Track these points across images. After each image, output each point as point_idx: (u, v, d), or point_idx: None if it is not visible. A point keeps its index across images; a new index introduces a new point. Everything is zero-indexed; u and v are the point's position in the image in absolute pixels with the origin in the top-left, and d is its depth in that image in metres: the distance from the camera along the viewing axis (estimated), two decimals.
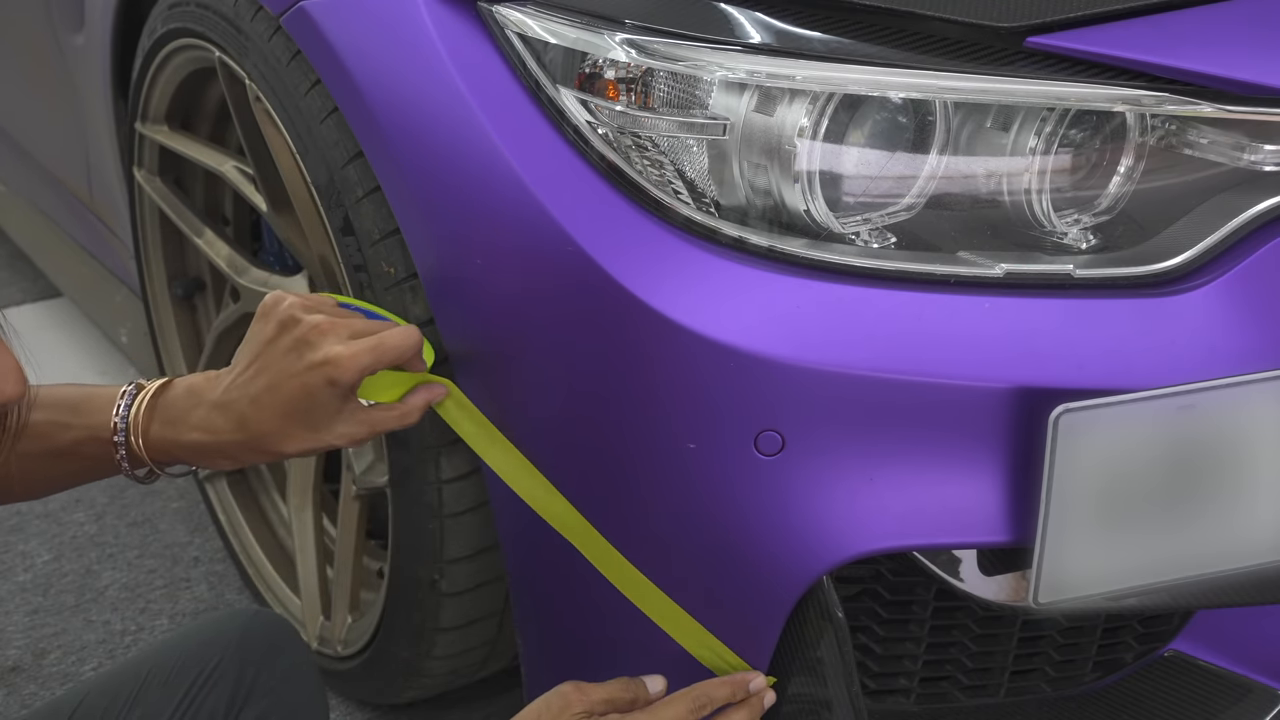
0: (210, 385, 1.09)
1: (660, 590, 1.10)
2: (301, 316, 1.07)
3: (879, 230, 1.07)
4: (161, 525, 2.07)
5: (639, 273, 1.04)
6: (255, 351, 1.07)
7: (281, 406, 1.05)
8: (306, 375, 1.05)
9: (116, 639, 1.82)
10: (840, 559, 1.05)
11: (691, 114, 1.06)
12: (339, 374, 1.04)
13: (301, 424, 1.06)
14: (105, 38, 1.76)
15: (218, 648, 1.16)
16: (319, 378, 1.05)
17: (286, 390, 1.05)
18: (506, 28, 1.11)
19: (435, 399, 1.12)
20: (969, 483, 1.04)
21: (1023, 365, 1.02)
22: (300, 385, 1.05)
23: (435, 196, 1.13)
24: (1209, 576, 1.06)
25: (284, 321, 1.07)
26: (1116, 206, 1.09)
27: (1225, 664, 1.20)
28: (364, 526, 1.53)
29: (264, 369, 1.06)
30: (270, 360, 1.06)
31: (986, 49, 1.04)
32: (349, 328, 1.07)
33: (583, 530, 1.11)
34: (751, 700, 1.09)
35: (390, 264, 1.21)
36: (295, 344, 1.06)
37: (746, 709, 1.08)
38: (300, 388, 1.05)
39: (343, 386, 1.05)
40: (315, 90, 1.26)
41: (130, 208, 1.85)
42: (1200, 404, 1.01)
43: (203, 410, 1.07)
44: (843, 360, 1.01)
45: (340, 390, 1.06)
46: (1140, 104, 1.04)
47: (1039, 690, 1.21)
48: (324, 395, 1.05)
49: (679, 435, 1.05)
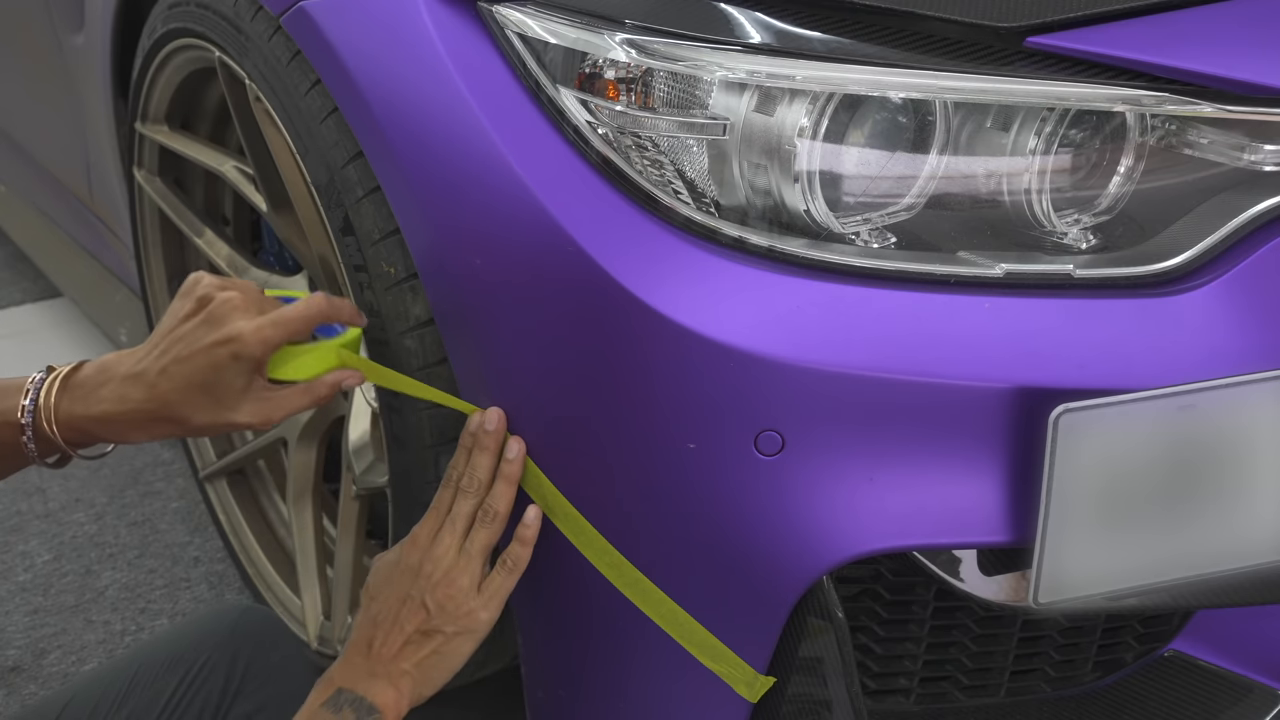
0: (120, 360, 1.11)
1: (660, 590, 1.10)
2: (215, 294, 1.10)
3: (879, 230, 1.07)
4: (161, 525, 2.07)
5: (639, 272, 1.04)
6: (169, 326, 1.10)
7: (188, 378, 1.08)
8: (213, 349, 1.08)
9: (116, 639, 1.82)
10: (840, 559, 1.05)
11: (691, 114, 1.06)
12: (243, 348, 1.07)
13: (207, 396, 1.08)
14: (105, 38, 1.76)
15: (208, 644, 1.16)
16: (225, 352, 1.07)
17: (194, 363, 1.08)
18: (506, 28, 1.11)
19: (348, 383, 1.15)
20: (969, 483, 1.04)
21: (1023, 365, 1.02)
22: (207, 358, 1.08)
23: (435, 196, 1.13)
24: (1209, 576, 1.06)
25: (200, 298, 1.10)
26: (1116, 206, 1.09)
27: (1225, 664, 1.20)
28: (364, 526, 1.53)
29: (175, 341, 1.09)
30: (181, 334, 1.09)
31: (986, 49, 1.04)
32: (259, 306, 1.10)
33: (577, 528, 1.11)
34: (479, 437, 1.12)
35: (390, 264, 1.21)
36: (206, 319, 1.09)
37: (480, 449, 1.13)
38: (207, 361, 1.08)
39: (247, 360, 1.08)
40: (315, 90, 1.26)
41: (130, 208, 1.85)
42: (1200, 404, 1.01)
43: (114, 384, 1.10)
44: (843, 360, 1.01)
45: (245, 365, 1.08)
46: (1140, 104, 1.04)
47: (1039, 690, 1.21)
48: (230, 370, 1.08)
49: (679, 435, 1.05)
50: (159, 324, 1.12)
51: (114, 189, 1.95)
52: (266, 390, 1.11)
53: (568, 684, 1.22)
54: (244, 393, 1.09)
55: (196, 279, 1.13)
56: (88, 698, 1.12)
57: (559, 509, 1.12)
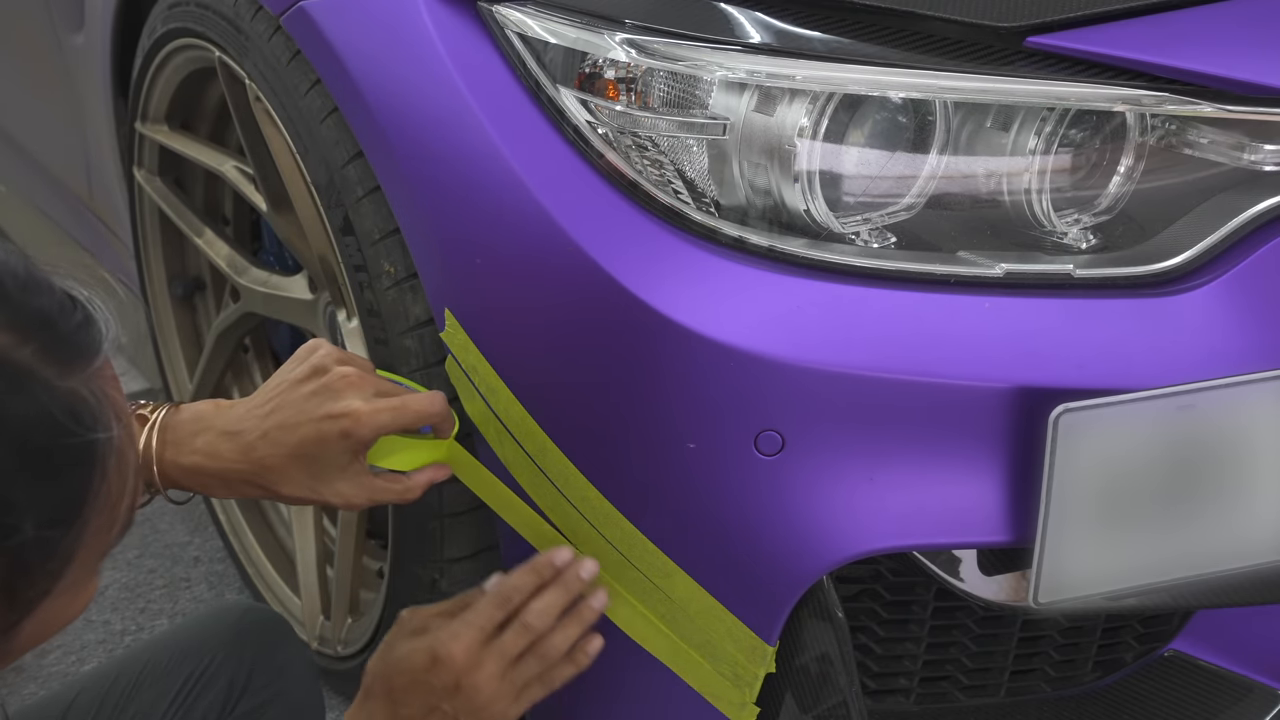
0: (217, 412, 1.08)
1: (661, 590, 1.10)
2: (332, 365, 1.07)
3: (879, 230, 1.07)
4: (161, 525, 2.07)
5: (639, 272, 1.04)
6: (279, 389, 1.07)
7: (291, 446, 1.05)
8: (323, 422, 1.04)
9: (116, 639, 1.82)
10: (840, 559, 1.05)
11: (691, 114, 1.06)
12: (355, 427, 1.04)
13: (305, 469, 1.05)
14: (105, 38, 1.76)
15: (212, 644, 1.16)
16: (335, 427, 1.04)
17: (300, 432, 1.05)
18: (506, 28, 1.11)
19: (440, 479, 1.12)
20: (969, 483, 1.04)
21: (1023, 365, 1.02)
22: (315, 430, 1.04)
23: (435, 196, 1.13)
24: (1209, 576, 1.06)
25: (315, 366, 1.07)
26: (1116, 206, 1.09)
27: (1225, 664, 1.20)
28: (364, 526, 1.53)
29: (282, 405, 1.06)
30: (291, 399, 1.06)
31: (986, 49, 1.04)
32: (375, 386, 1.07)
33: (580, 532, 1.12)
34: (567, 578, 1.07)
35: (390, 263, 1.21)
36: (320, 389, 1.05)
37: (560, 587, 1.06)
38: (314, 432, 1.04)
39: (355, 440, 1.05)
40: (315, 90, 1.26)
41: (130, 208, 1.85)
42: (1200, 404, 1.01)
43: (210, 435, 1.06)
44: (843, 360, 1.01)
45: (352, 444, 1.05)
46: (1140, 104, 1.04)
47: (1039, 690, 1.21)
48: (335, 446, 1.05)
49: (679, 435, 1.05)
50: (266, 384, 1.09)
51: (114, 189, 1.95)
52: (364, 475, 1.07)
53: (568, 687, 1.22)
54: (342, 471, 1.06)
55: (315, 345, 1.09)
56: (92, 697, 1.12)
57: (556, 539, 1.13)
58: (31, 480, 0.67)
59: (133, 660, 1.15)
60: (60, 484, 0.69)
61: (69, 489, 0.69)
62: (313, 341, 1.11)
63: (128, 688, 1.13)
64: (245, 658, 1.15)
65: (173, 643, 1.17)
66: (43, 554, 0.68)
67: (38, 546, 0.68)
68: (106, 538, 0.72)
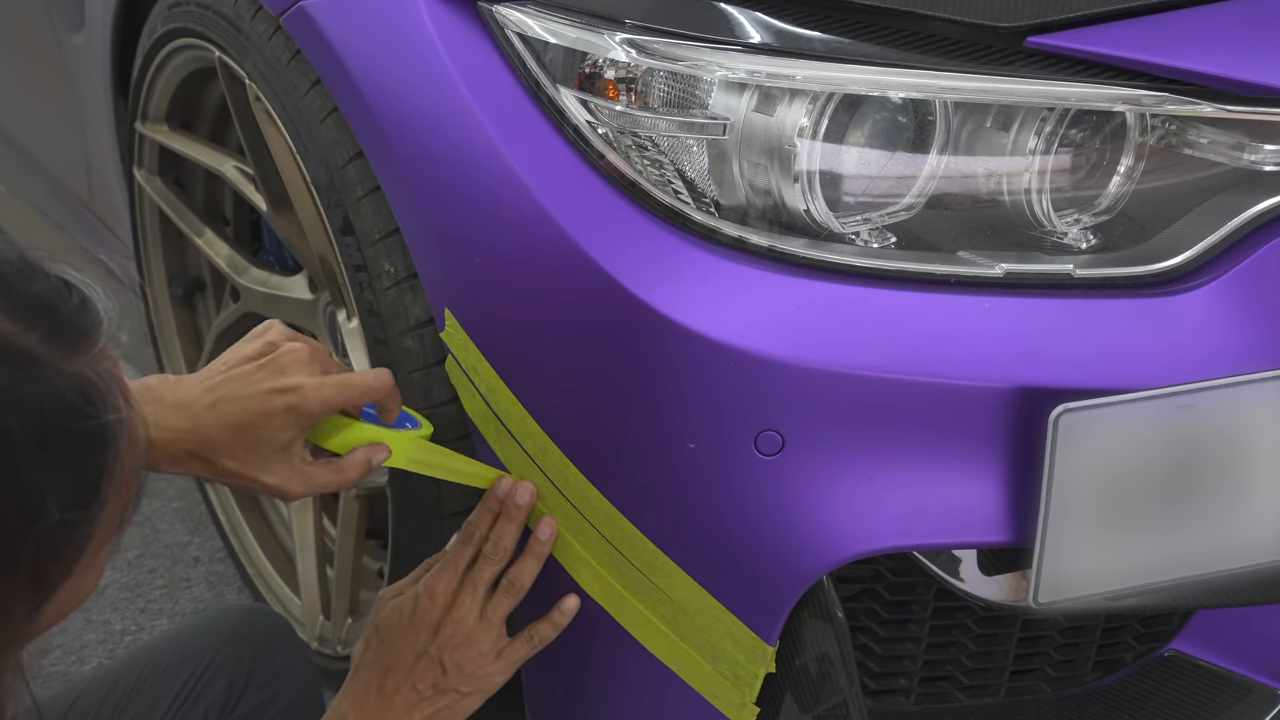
0: (167, 385, 1.07)
1: (661, 590, 1.10)
2: (282, 342, 1.07)
3: (879, 230, 1.07)
4: (161, 525, 2.07)
5: (638, 272, 1.04)
6: (230, 363, 1.07)
7: (235, 418, 1.04)
8: (270, 396, 1.04)
9: (116, 639, 1.82)
10: (840, 559, 1.05)
11: (691, 114, 1.06)
12: (301, 402, 1.04)
13: (246, 443, 1.04)
14: (105, 38, 1.76)
15: (212, 644, 1.16)
16: (281, 402, 1.04)
17: (245, 404, 1.04)
18: (506, 27, 1.11)
19: (376, 459, 1.10)
20: (969, 483, 1.04)
21: (1023, 365, 1.02)
22: (260, 403, 1.04)
23: (435, 196, 1.13)
24: (1209, 576, 1.06)
25: (267, 343, 1.07)
26: (1116, 206, 1.09)
27: (1225, 664, 1.20)
28: (364, 526, 1.53)
29: (231, 379, 1.05)
30: (240, 373, 1.05)
31: (986, 49, 1.04)
32: (324, 364, 1.07)
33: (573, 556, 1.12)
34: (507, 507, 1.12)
35: (390, 263, 1.21)
36: (268, 364, 1.05)
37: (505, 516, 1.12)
38: (260, 406, 1.04)
39: (301, 414, 1.04)
40: (315, 90, 1.26)
41: (130, 207, 1.85)
42: (1200, 404, 1.01)
43: (158, 407, 1.05)
44: (843, 360, 1.01)
45: (296, 420, 1.04)
46: (1140, 104, 1.04)
47: (1039, 690, 1.20)
48: (279, 421, 1.04)
49: (679, 435, 1.05)
50: (217, 358, 1.08)
51: (114, 189, 1.95)
52: (301, 460, 1.07)
53: (566, 684, 1.22)
54: (281, 452, 1.05)
55: (269, 325, 1.10)
56: (92, 698, 1.12)
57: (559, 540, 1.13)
58: (55, 464, 0.68)
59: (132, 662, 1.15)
60: (81, 466, 0.70)
61: (89, 470, 0.70)
62: (267, 321, 1.11)
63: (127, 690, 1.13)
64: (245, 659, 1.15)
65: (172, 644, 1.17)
66: (68, 535, 0.70)
67: (64, 528, 0.69)
68: (120, 516, 0.74)
